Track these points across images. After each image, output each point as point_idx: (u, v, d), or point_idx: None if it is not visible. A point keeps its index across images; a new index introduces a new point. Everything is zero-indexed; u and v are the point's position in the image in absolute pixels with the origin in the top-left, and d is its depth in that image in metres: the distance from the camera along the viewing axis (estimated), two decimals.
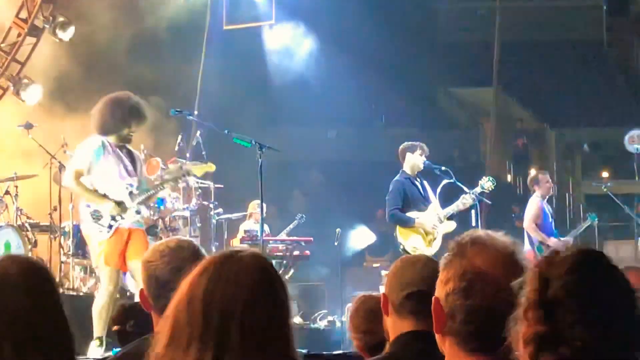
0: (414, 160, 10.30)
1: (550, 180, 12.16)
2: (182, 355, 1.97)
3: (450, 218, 10.33)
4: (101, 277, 8.05)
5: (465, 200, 10.35)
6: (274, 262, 12.12)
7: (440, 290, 2.35)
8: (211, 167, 9.49)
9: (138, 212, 8.02)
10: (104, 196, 7.87)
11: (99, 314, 7.75)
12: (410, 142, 10.47)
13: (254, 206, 12.99)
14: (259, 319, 2.01)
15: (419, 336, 3.20)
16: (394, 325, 3.24)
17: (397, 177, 10.33)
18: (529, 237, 11.73)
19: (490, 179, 10.67)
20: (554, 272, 1.86)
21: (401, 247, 10.06)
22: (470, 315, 2.28)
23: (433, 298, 2.37)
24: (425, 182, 10.44)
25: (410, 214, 10.15)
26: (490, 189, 10.55)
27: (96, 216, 7.86)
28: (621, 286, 1.89)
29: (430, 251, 10.01)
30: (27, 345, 2.40)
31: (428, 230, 10.18)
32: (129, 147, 8.16)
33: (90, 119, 8.03)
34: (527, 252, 10.98)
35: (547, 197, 12.10)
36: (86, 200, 7.96)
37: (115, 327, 6.12)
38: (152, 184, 8.57)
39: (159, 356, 2.01)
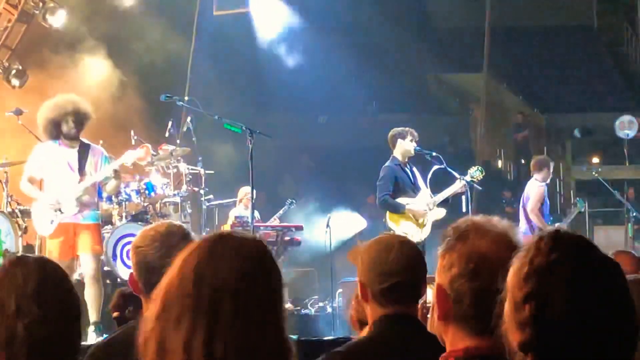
0: (405, 146, 10.28)
1: None
2: (173, 329, 1.94)
3: (440, 205, 10.34)
4: None
5: (456, 186, 10.37)
6: None
7: (443, 277, 2.34)
8: (147, 154, 9.71)
9: (77, 207, 8.62)
10: (47, 194, 8.65)
11: None
12: (400, 128, 10.44)
13: (244, 192, 12.97)
14: (253, 294, 1.96)
15: (399, 318, 3.21)
16: (374, 312, 3.25)
17: (387, 163, 10.32)
18: (529, 222, 11.51)
19: (479, 168, 10.67)
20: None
21: (392, 233, 10.06)
22: (478, 298, 2.28)
23: (436, 285, 2.36)
24: (415, 169, 10.44)
25: (400, 200, 10.15)
26: (478, 179, 10.55)
27: (41, 213, 8.66)
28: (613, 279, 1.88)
29: (420, 237, 10.04)
30: (40, 347, 2.41)
31: (418, 217, 10.20)
32: (88, 142, 8.85)
33: None
34: (525, 237, 10.83)
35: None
36: (34, 199, 8.80)
37: (114, 314, 6.31)
38: (108, 173, 8.96)
39: (149, 328, 1.98)
